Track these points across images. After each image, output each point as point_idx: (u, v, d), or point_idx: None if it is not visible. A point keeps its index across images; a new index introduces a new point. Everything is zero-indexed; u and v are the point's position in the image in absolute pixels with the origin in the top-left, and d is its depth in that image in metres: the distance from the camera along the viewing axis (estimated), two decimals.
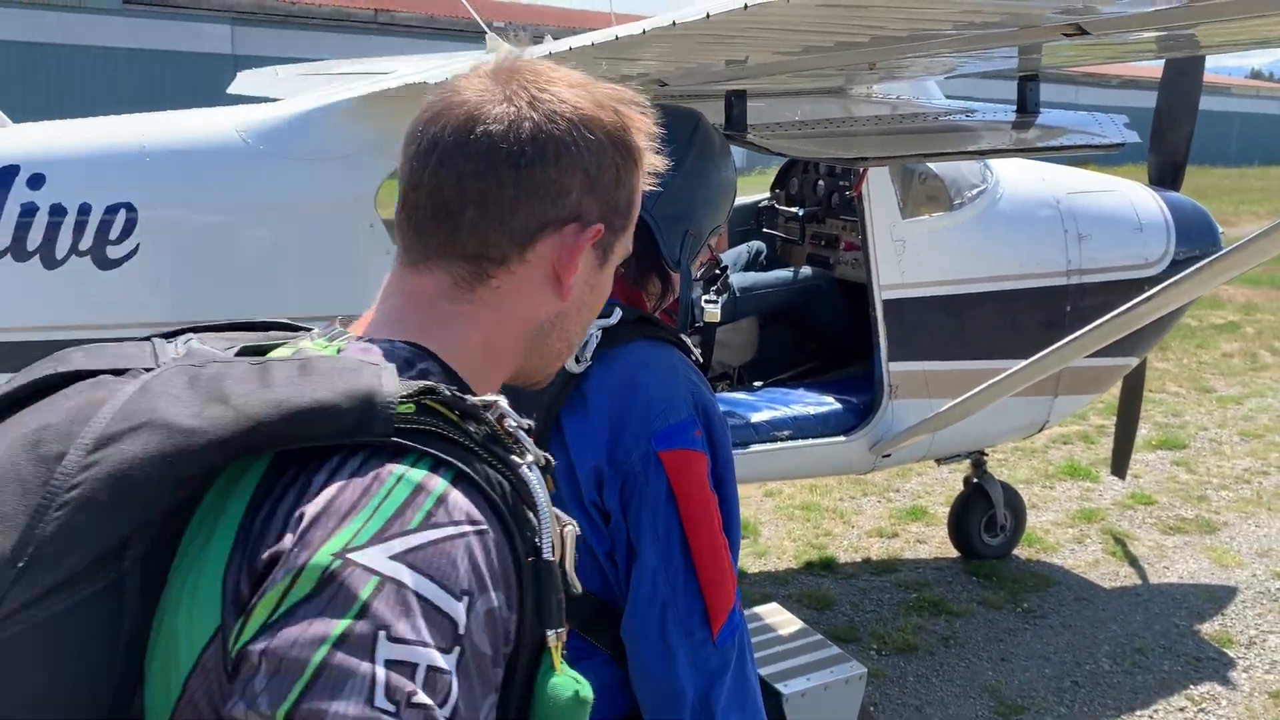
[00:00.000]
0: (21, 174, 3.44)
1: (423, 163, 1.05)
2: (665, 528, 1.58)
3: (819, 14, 1.49)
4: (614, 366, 1.61)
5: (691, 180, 1.78)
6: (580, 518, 1.55)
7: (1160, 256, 5.19)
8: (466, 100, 1.04)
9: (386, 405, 0.87)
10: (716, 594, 1.60)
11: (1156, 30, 2.07)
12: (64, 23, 22.97)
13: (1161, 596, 5.31)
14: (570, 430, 1.60)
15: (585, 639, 1.65)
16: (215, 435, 0.84)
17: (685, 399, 1.62)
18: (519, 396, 1.60)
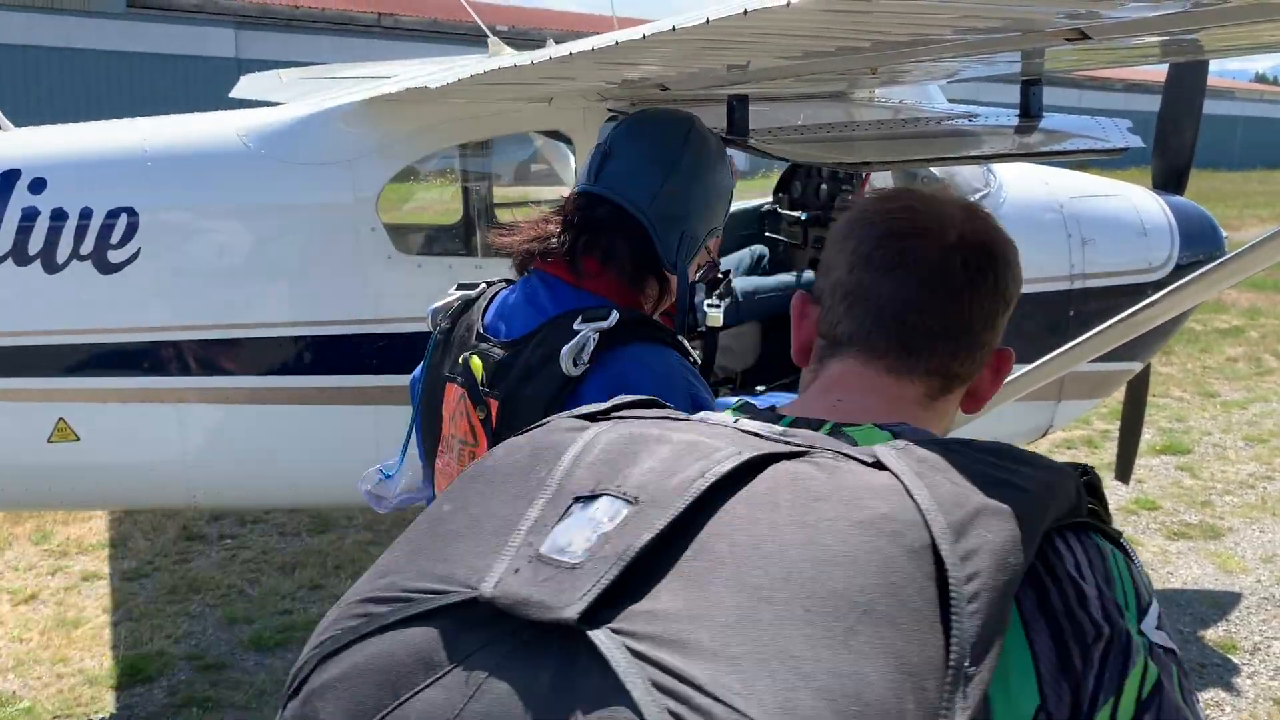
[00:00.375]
0: (23, 178, 3.44)
1: (924, 284, 1.11)
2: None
3: (819, 19, 1.49)
4: (611, 368, 1.60)
5: (688, 183, 1.80)
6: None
7: (1164, 261, 5.18)
8: (956, 228, 1.13)
9: (1081, 487, 0.93)
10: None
11: (1160, 34, 2.06)
12: (68, 26, 23.01)
13: (1165, 602, 5.28)
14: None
15: None
16: (1035, 518, 0.85)
17: (682, 400, 1.61)
18: (515, 402, 1.60)
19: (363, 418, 3.71)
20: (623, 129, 1.84)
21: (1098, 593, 0.89)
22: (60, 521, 5.93)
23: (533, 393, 1.61)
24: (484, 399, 1.66)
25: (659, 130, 1.84)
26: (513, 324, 1.72)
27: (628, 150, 1.80)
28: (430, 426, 1.81)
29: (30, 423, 3.46)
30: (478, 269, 3.90)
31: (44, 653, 4.58)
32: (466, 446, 1.69)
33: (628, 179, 1.78)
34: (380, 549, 5.64)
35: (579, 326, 1.61)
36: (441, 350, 1.82)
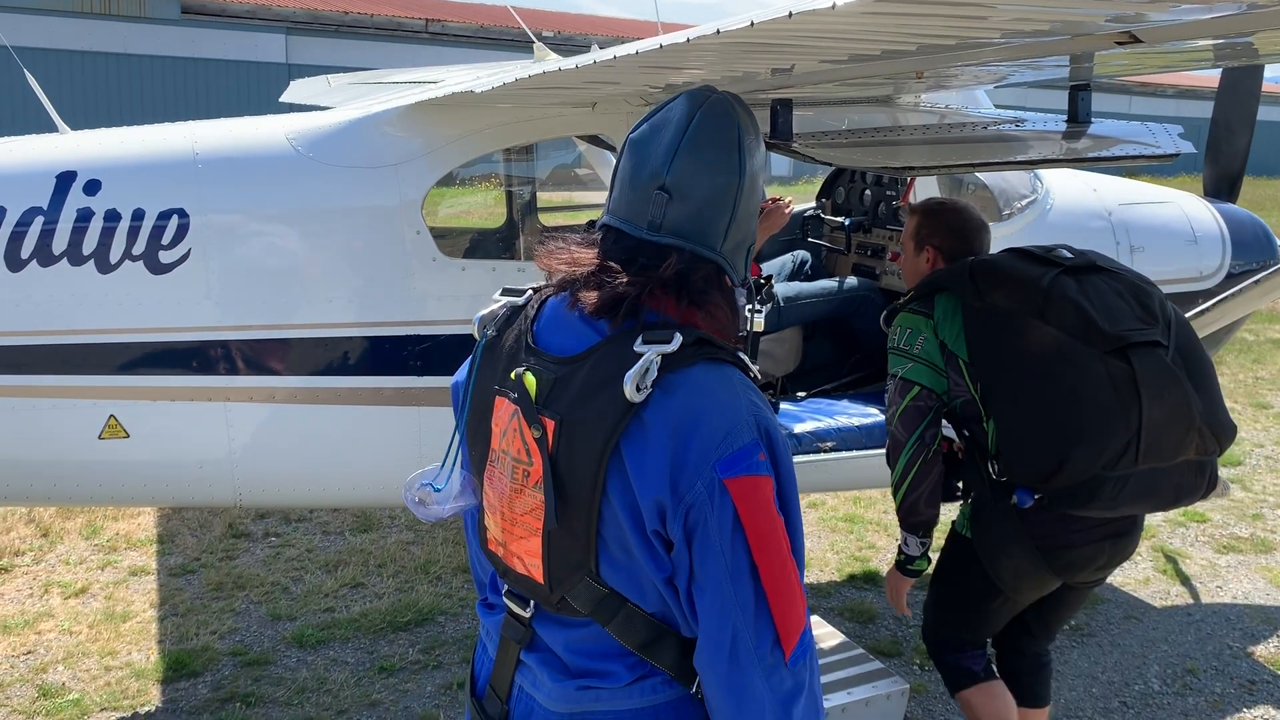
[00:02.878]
0: (78, 180, 3.51)
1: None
2: (733, 556, 1.56)
3: (865, 22, 1.48)
4: (675, 393, 1.56)
5: (749, 199, 1.70)
6: (641, 545, 1.59)
7: (1215, 269, 5.09)
8: None
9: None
10: (788, 617, 1.59)
11: (1213, 38, 2.03)
12: (124, 33, 23.47)
13: (1214, 616, 5.20)
14: (631, 458, 1.56)
15: (647, 660, 1.67)
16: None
17: (748, 422, 1.58)
18: (573, 424, 1.57)
19: (406, 418, 3.74)
20: (679, 165, 1.65)
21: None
22: (110, 517, 6.04)
23: (593, 415, 1.57)
24: (539, 418, 1.61)
25: (718, 158, 1.66)
26: (566, 339, 1.66)
27: (690, 192, 1.65)
28: (479, 437, 1.76)
29: (82, 419, 3.53)
30: (520, 272, 3.92)
31: (93, 646, 4.67)
32: (520, 464, 1.65)
33: (698, 226, 1.66)
34: (422, 549, 5.75)
35: (640, 348, 1.56)
36: (489, 359, 1.76)
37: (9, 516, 5.93)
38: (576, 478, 1.58)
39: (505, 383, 1.68)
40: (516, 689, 1.79)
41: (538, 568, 1.67)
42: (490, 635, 1.87)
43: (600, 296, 1.62)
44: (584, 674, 1.70)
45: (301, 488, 3.83)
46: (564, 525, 1.61)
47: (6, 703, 4.23)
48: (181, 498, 3.79)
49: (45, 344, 3.47)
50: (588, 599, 1.64)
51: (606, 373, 1.57)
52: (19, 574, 5.39)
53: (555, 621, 1.72)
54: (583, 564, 1.62)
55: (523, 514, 1.66)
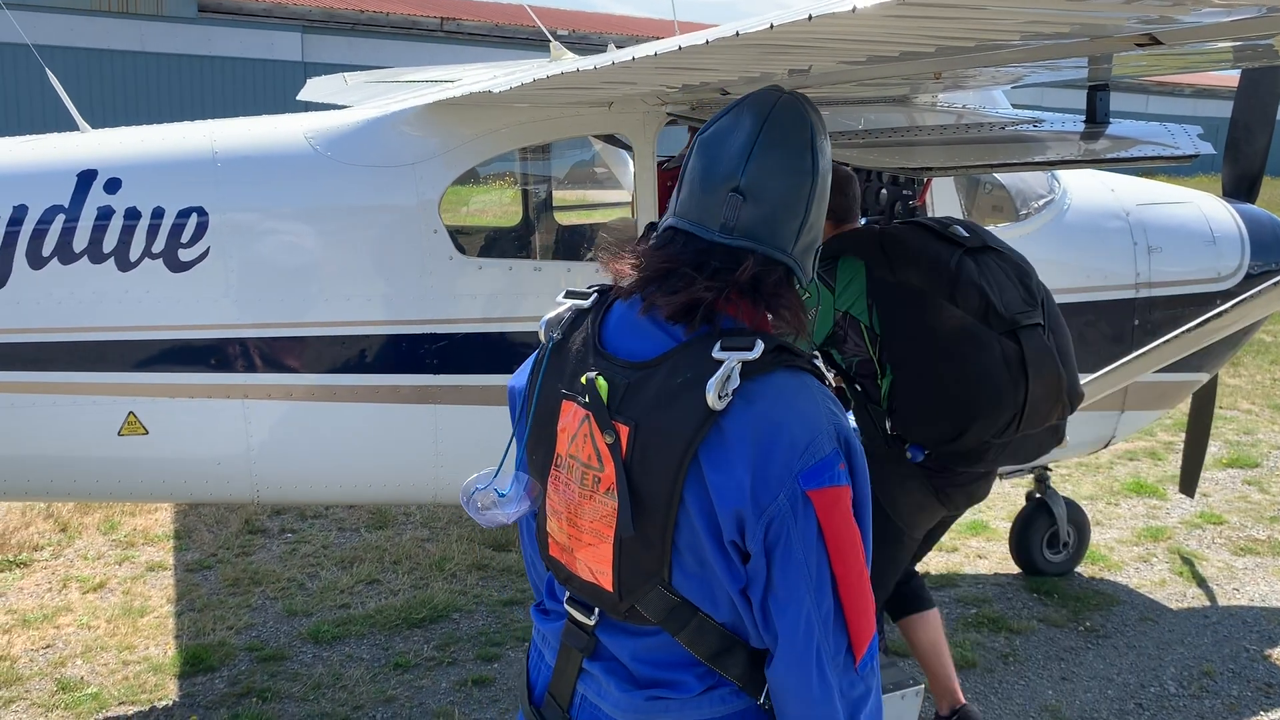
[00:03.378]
0: (99, 178, 3.54)
1: None
2: (816, 568, 1.56)
3: (885, 24, 1.48)
4: (757, 402, 1.55)
5: (820, 202, 1.68)
6: (717, 555, 1.57)
7: (1234, 270, 5.07)
8: None
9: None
10: (861, 625, 1.60)
11: (1233, 39, 2.02)
12: (142, 31, 23.59)
13: (1231, 619, 5.17)
14: (710, 467, 1.55)
15: (715, 671, 1.65)
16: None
17: (829, 432, 1.57)
18: (649, 430, 1.56)
19: (423, 416, 3.76)
20: (754, 167, 1.62)
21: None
22: (128, 513, 6.08)
23: (670, 422, 1.55)
24: (612, 423, 1.59)
25: (792, 159, 1.64)
26: (638, 344, 1.64)
27: (764, 193, 1.62)
28: (542, 441, 1.73)
29: (102, 416, 3.56)
30: (536, 271, 3.93)
31: (111, 640, 4.71)
32: (590, 470, 1.62)
33: (771, 226, 1.63)
34: (437, 546, 5.77)
35: (720, 355, 1.54)
36: (555, 363, 1.72)
37: (28, 511, 5.98)
38: (653, 485, 1.57)
39: (574, 387, 1.65)
40: (579, 698, 1.77)
41: (606, 575, 1.64)
42: (547, 642, 1.83)
43: (676, 301, 1.59)
44: (652, 684, 1.68)
45: (318, 484, 3.85)
46: (638, 533, 1.59)
47: (26, 696, 4.27)
48: (200, 494, 3.82)
49: (66, 341, 3.50)
50: (659, 608, 1.62)
51: (684, 379, 1.56)
52: (38, 569, 5.44)
53: (622, 630, 1.70)
54: (655, 573, 1.60)
55: (592, 521, 1.64)
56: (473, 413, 3.78)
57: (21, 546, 5.63)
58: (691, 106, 3.75)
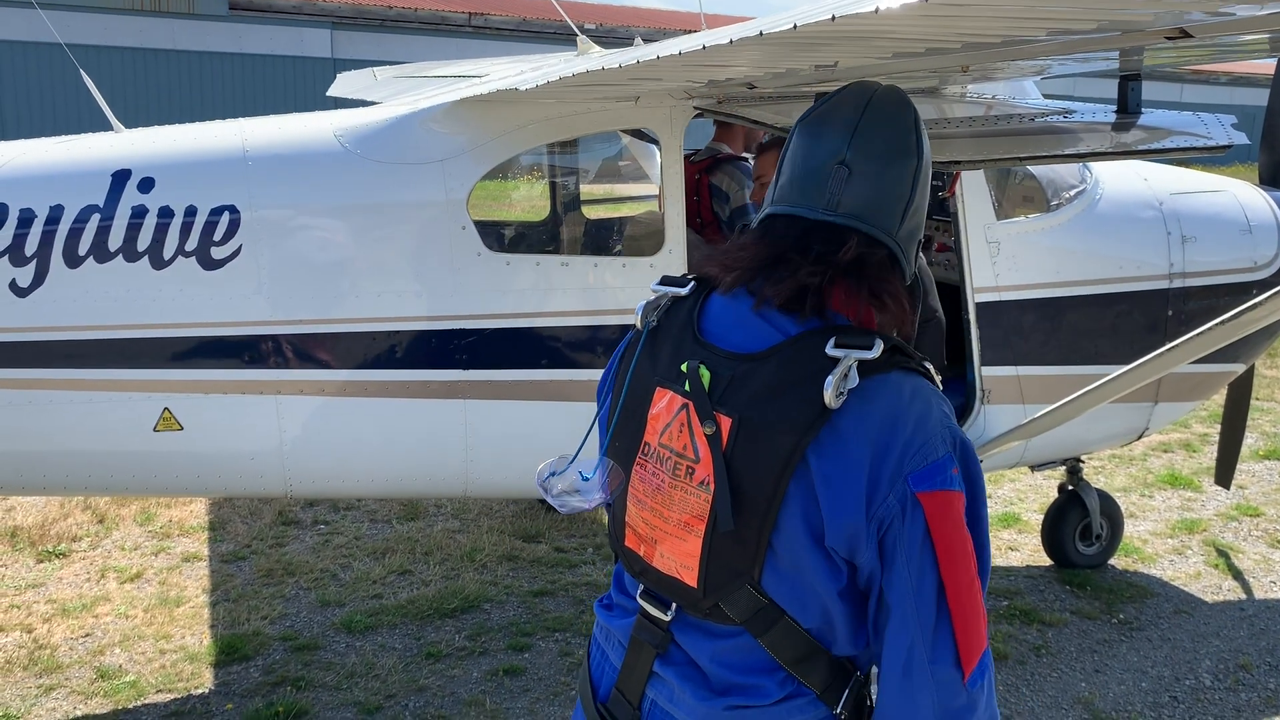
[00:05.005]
0: (133, 178, 3.59)
1: None
2: (919, 569, 1.51)
3: (909, 22, 1.48)
4: (874, 402, 1.51)
5: (924, 188, 1.67)
6: (817, 557, 1.53)
7: (1270, 259, 5.00)
8: None
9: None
10: (970, 636, 1.53)
11: (1267, 31, 2.00)
12: (173, 29, 23.82)
13: (1268, 611, 5.12)
14: (820, 467, 1.51)
15: (795, 677, 1.61)
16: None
17: (943, 435, 1.53)
18: (756, 424, 1.53)
19: (452, 411, 3.79)
20: (860, 141, 1.60)
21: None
22: (163, 505, 6.17)
23: (779, 417, 1.51)
24: (713, 414, 1.54)
25: (899, 135, 1.64)
26: (741, 335, 1.60)
27: (870, 168, 1.60)
28: (629, 427, 1.68)
29: (137, 412, 3.62)
30: (564, 266, 3.95)
31: (148, 629, 4.78)
32: (683, 461, 1.58)
33: (877, 205, 1.61)
34: (468, 537, 5.81)
35: (834, 351, 1.51)
36: (649, 350, 1.68)
37: (66, 504, 6.08)
38: (754, 481, 1.52)
39: (670, 374, 1.61)
40: (649, 703, 1.71)
41: (692, 571, 1.59)
42: (612, 640, 1.78)
43: (782, 289, 1.56)
44: (730, 689, 1.63)
45: (350, 478, 3.89)
46: (735, 528, 1.54)
47: (66, 683, 4.35)
48: (233, 488, 3.87)
49: (102, 339, 3.56)
50: (744, 608, 1.58)
51: (796, 374, 1.52)
52: (76, 559, 5.53)
53: (700, 630, 1.65)
54: (745, 571, 1.56)
55: (681, 513, 1.59)
56: (501, 407, 3.81)
57: (60, 538, 5.72)
58: (718, 101, 3.75)
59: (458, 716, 4.14)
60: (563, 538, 5.87)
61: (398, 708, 4.21)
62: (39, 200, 3.54)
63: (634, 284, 3.85)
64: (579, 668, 1.89)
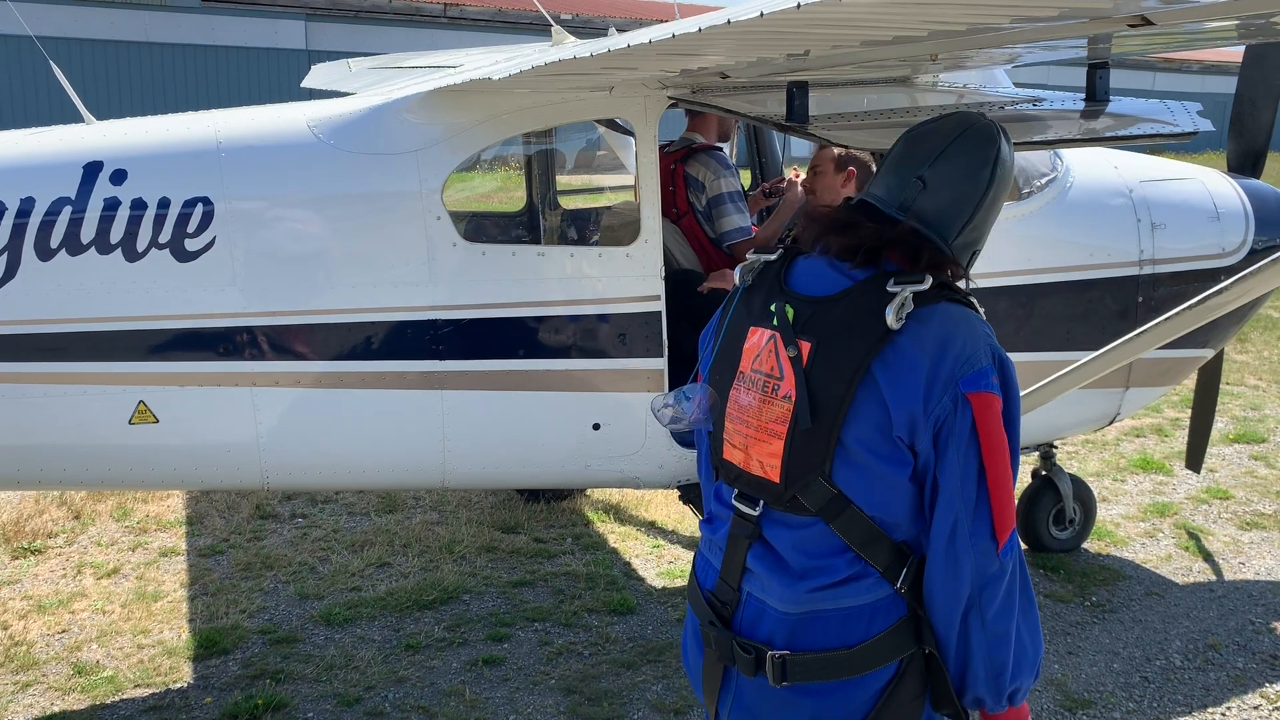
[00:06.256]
0: (105, 169, 3.57)
1: None
2: (965, 456, 1.88)
3: (873, 11, 1.50)
4: (928, 324, 1.90)
5: (988, 213, 2.05)
6: (886, 448, 1.90)
7: (1238, 245, 5.06)
8: None
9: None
10: (1003, 515, 1.90)
11: (1228, 19, 2.03)
12: (145, 21, 23.60)
13: (1237, 593, 5.20)
14: (884, 376, 1.88)
15: (862, 558, 1.95)
16: None
17: (985, 349, 1.91)
18: (830, 346, 1.92)
19: (429, 402, 3.79)
20: (941, 164, 2.01)
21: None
22: (140, 500, 6.14)
23: (850, 339, 1.90)
24: (796, 340, 1.95)
25: (973, 168, 2.03)
26: (817, 283, 2.00)
27: (943, 186, 2.01)
28: (726, 362, 2.08)
29: (112, 405, 3.60)
30: (540, 256, 3.96)
31: (125, 625, 4.77)
32: (771, 380, 1.98)
33: (941, 216, 2.02)
34: (446, 529, 5.81)
35: (894, 288, 1.89)
36: (745, 301, 2.10)
37: (42, 499, 6.05)
38: (827, 389, 1.90)
39: (763, 316, 2.02)
40: (745, 595, 2.05)
41: (775, 468, 1.96)
42: (713, 546, 2.13)
43: (846, 241, 1.97)
44: (808, 573, 1.97)
45: (327, 471, 3.89)
46: (811, 428, 1.91)
47: (43, 680, 4.33)
48: (210, 481, 3.86)
49: (75, 331, 3.54)
50: (818, 497, 1.93)
51: (862, 307, 1.92)
52: (52, 555, 5.51)
53: (782, 523, 2.00)
54: (818, 465, 1.92)
55: (769, 421, 1.97)
56: (478, 398, 3.82)
57: (36, 534, 5.69)
58: (692, 91, 3.76)
59: (437, 707, 4.16)
60: (541, 528, 5.89)
61: (377, 699, 4.21)
62: (9, 193, 3.51)
63: (610, 273, 3.87)
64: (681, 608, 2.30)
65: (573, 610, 4.94)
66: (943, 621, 1.94)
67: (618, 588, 5.17)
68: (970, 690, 1.97)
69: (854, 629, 1.97)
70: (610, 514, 6.10)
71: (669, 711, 4.13)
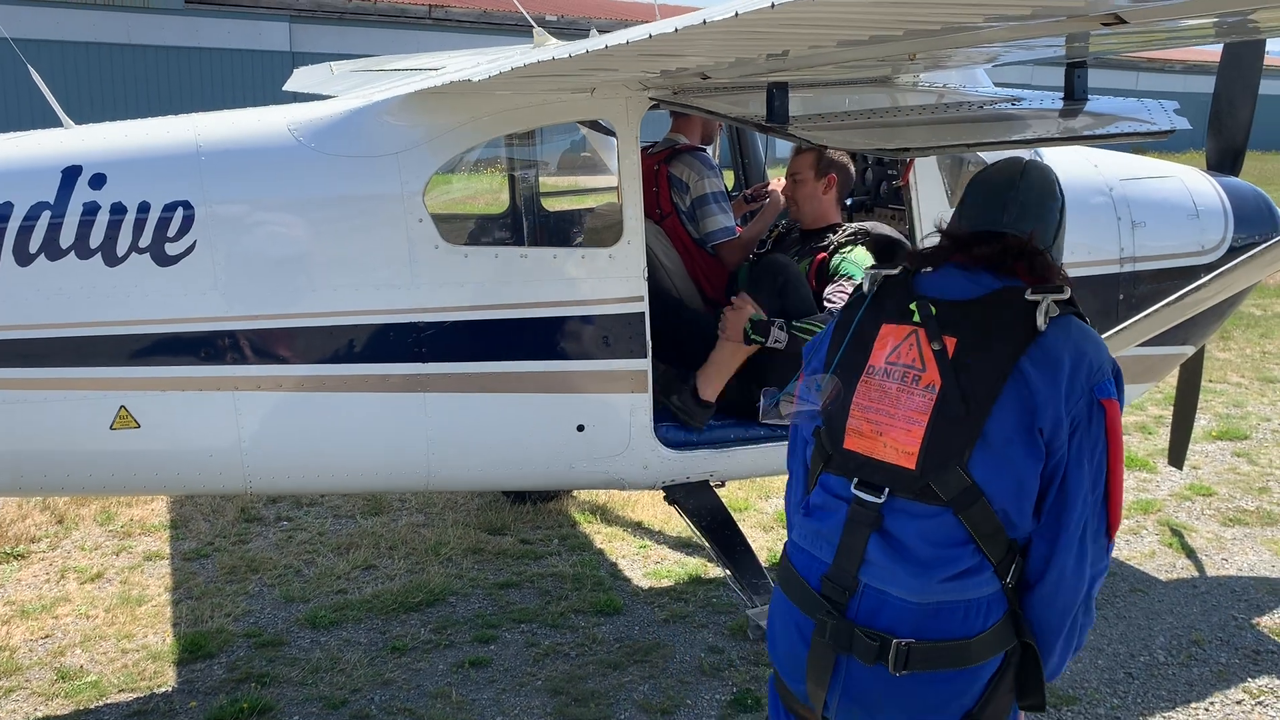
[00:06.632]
0: (84, 174, 3.55)
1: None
2: (1098, 459, 2.07)
3: (847, 10, 1.51)
4: (1069, 330, 2.12)
5: (1063, 230, 2.37)
6: (1025, 440, 2.06)
7: (1217, 243, 5.09)
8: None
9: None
10: (1117, 514, 2.12)
11: (1200, 17, 2.04)
12: (128, 23, 23.49)
13: (1220, 589, 5.23)
14: (1033, 373, 2.07)
15: (981, 551, 2.08)
16: None
17: (1109, 362, 2.12)
18: (977, 342, 2.10)
19: (412, 404, 3.78)
20: (1020, 195, 2.31)
21: None
22: (124, 504, 6.11)
23: (998, 337, 2.10)
24: (941, 335, 2.13)
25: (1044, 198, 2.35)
26: (957, 289, 2.21)
27: (1030, 214, 2.29)
28: (855, 356, 2.24)
29: (93, 410, 3.58)
30: (523, 258, 3.95)
31: (109, 629, 4.75)
32: (911, 371, 2.15)
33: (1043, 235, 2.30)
34: (432, 531, 5.80)
35: (1033, 296, 2.12)
36: (874, 305, 2.28)
37: (24, 504, 6.01)
38: (976, 381, 2.07)
39: (900, 315, 2.21)
40: (861, 586, 2.13)
41: (912, 455, 2.09)
42: (819, 540, 2.22)
43: (991, 252, 2.21)
44: (936, 564, 2.09)
45: (310, 474, 3.88)
46: (957, 418, 2.06)
47: (26, 685, 4.31)
48: (193, 486, 3.85)
49: (56, 337, 3.52)
50: (952, 487, 2.06)
51: (1005, 310, 2.13)
52: (35, 560, 5.48)
53: (907, 511, 2.11)
54: (958, 454, 2.06)
55: (909, 410, 2.11)
56: (462, 400, 3.81)
57: (19, 539, 5.66)
58: (673, 92, 3.76)
59: (424, 709, 4.15)
60: (528, 530, 5.89)
61: (363, 701, 4.21)
62: None
63: (593, 275, 3.87)
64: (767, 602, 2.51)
65: (559, 611, 4.94)
66: (1060, 614, 2.12)
67: (604, 588, 5.17)
68: (1050, 677, 2.20)
69: (974, 621, 2.10)
70: (596, 515, 6.10)
71: (655, 712, 4.13)
